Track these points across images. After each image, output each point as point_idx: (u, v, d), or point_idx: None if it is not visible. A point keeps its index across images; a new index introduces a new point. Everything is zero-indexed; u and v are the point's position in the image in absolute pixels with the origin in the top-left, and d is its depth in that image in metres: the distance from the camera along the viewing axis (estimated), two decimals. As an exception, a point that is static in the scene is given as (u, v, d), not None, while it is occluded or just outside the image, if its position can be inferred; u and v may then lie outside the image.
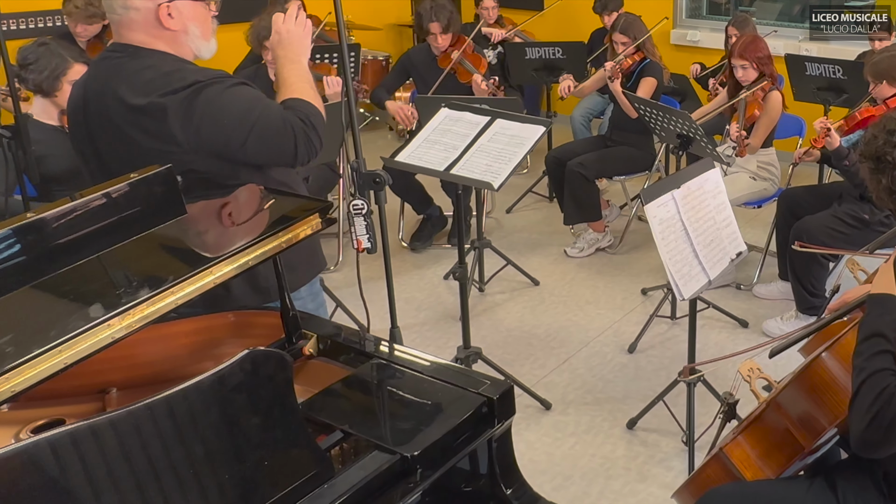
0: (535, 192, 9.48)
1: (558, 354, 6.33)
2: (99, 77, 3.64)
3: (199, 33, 3.62)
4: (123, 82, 3.48)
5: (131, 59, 3.52)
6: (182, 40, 3.59)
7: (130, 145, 3.49)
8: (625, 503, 4.79)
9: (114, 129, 3.53)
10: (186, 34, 3.58)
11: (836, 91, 7.81)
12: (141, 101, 3.42)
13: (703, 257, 4.60)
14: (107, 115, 3.52)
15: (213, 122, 3.40)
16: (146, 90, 3.43)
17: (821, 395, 3.10)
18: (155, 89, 3.42)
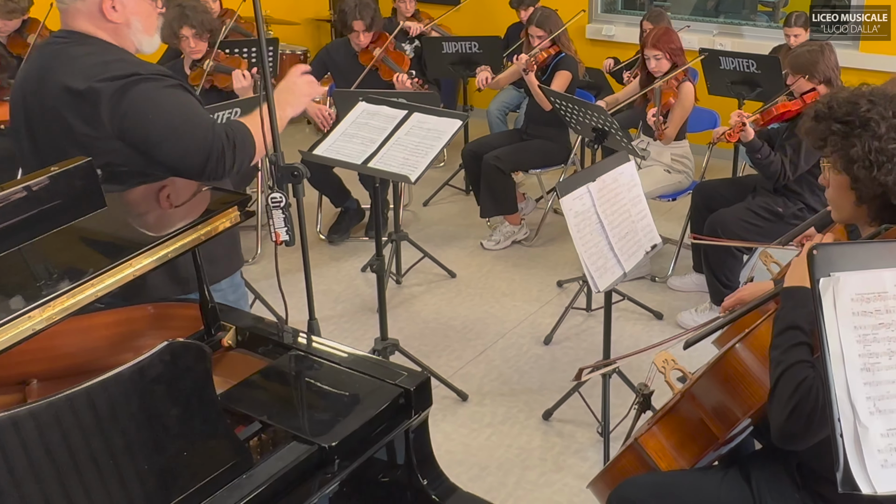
0: (452, 185, 9.50)
1: (475, 346, 6.36)
2: (41, 61, 3.68)
3: (141, 28, 3.66)
4: (65, 66, 3.51)
5: (76, 45, 3.56)
6: (124, 33, 3.62)
7: (65, 130, 3.52)
8: (540, 494, 4.82)
9: (51, 113, 3.55)
10: (129, 27, 3.62)
11: (750, 85, 7.87)
12: (80, 85, 3.45)
13: (619, 250, 4.63)
14: (45, 97, 3.55)
15: (139, 115, 3.43)
16: (86, 75, 3.46)
17: (735, 386, 3.12)
18: (94, 75, 3.45)
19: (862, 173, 2.86)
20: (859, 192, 2.90)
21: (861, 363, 2.04)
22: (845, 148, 2.89)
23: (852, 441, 2.00)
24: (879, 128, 2.80)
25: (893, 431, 2.01)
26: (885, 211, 2.88)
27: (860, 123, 2.86)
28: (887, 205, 2.85)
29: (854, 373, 2.03)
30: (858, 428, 1.99)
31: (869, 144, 2.82)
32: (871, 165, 2.82)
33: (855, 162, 2.87)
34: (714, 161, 8.32)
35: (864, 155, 2.83)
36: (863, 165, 2.84)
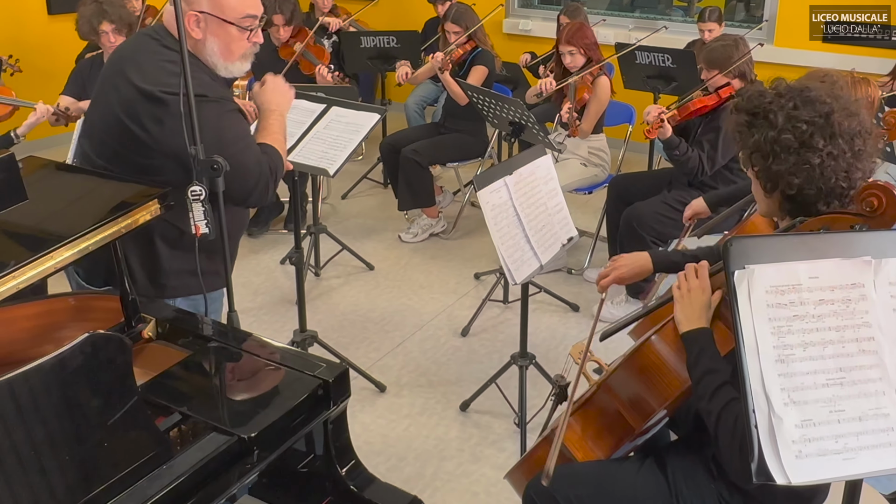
0: (370, 178, 9.53)
1: (393, 338, 6.37)
2: (130, 46, 3.84)
3: (217, 51, 3.68)
4: (143, 63, 3.61)
5: (161, 46, 3.63)
6: (200, 49, 3.66)
7: (106, 107, 3.64)
8: (458, 484, 4.83)
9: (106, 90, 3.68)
10: (205, 46, 3.66)
11: (666, 79, 7.93)
12: (147, 86, 3.50)
13: (535, 242, 4.64)
14: (118, 83, 3.62)
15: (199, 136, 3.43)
16: (154, 81, 3.51)
17: (650, 377, 3.13)
18: (163, 84, 3.49)
19: (760, 163, 2.90)
20: (763, 183, 2.94)
21: (775, 355, 2.06)
22: (747, 138, 2.93)
23: (767, 432, 2.01)
24: (777, 119, 2.83)
25: (808, 422, 2.02)
26: (790, 203, 2.90)
27: (762, 115, 2.89)
28: (789, 197, 2.88)
29: (768, 364, 2.04)
30: (773, 419, 2.00)
31: (766, 134, 2.86)
32: (766, 155, 2.86)
33: (754, 151, 2.91)
34: (630, 154, 8.38)
35: (761, 144, 2.87)
36: (760, 155, 2.88)
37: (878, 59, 8.62)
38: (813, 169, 2.80)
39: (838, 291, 2.10)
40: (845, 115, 2.87)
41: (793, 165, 2.82)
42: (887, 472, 2.05)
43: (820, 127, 2.83)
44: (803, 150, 2.82)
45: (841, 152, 2.83)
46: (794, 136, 2.83)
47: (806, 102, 2.87)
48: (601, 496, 3.23)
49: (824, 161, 2.81)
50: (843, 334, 2.09)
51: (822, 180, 2.81)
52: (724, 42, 6.25)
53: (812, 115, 2.84)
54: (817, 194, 2.84)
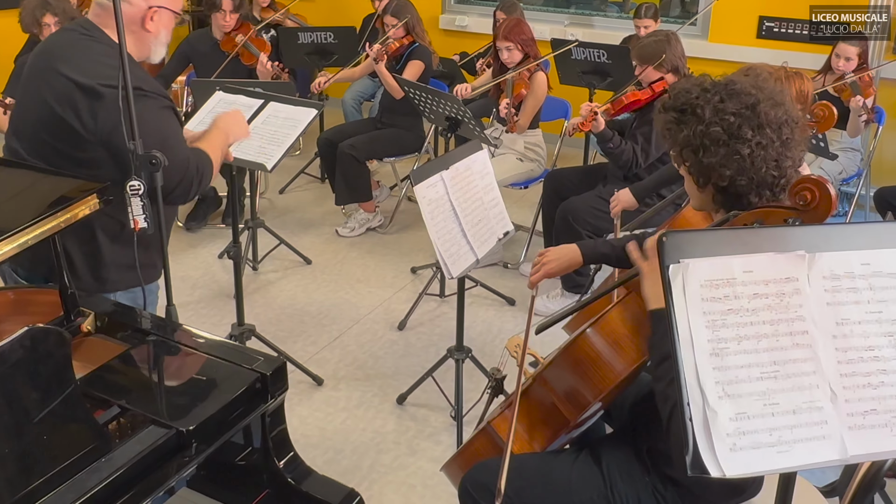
0: (308, 173, 9.52)
1: (330, 331, 6.37)
2: (58, 42, 3.80)
3: (164, 40, 3.77)
4: (76, 57, 3.60)
5: (94, 41, 3.65)
6: (149, 42, 3.72)
7: (39, 103, 3.63)
8: (394, 477, 4.84)
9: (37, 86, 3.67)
10: (157, 38, 3.73)
11: (601, 75, 7.95)
12: (84, 80, 3.52)
13: (472, 237, 4.64)
14: (49, 79, 3.62)
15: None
16: (93, 74, 3.53)
17: (585, 370, 3.13)
18: (101, 77, 3.50)
19: (690, 157, 2.91)
20: (695, 177, 2.96)
21: (710, 348, 2.05)
22: (677, 134, 2.94)
23: (701, 425, 2.01)
24: (704, 113, 2.84)
25: (742, 416, 2.01)
26: (723, 196, 2.92)
27: (690, 110, 2.90)
28: (722, 189, 2.88)
29: (703, 358, 2.04)
30: (707, 412, 2.00)
31: (694, 129, 2.87)
32: (696, 149, 2.87)
33: (684, 147, 2.92)
34: (566, 150, 8.41)
35: (691, 139, 2.88)
36: (690, 149, 2.89)
37: (811, 55, 8.72)
38: (743, 159, 2.83)
39: (772, 285, 2.11)
40: (771, 106, 2.90)
41: (723, 157, 2.85)
42: (821, 464, 2.06)
43: (747, 118, 2.85)
44: (732, 142, 2.84)
45: (770, 142, 2.86)
46: (722, 129, 2.85)
47: (731, 95, 2.90)
48: (536, 488, 3.25)
49: (754, 151, 2.84)
50: (778, 328, 2.09)
51: (753, 170, 2.84)
52: (657, 37, 6.28)
53: (738, 106, 2.87)
54: (749, 185, 2.86)
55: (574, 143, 8.68)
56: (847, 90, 7.40)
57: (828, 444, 2.06)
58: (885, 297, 2.17)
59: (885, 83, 8.99)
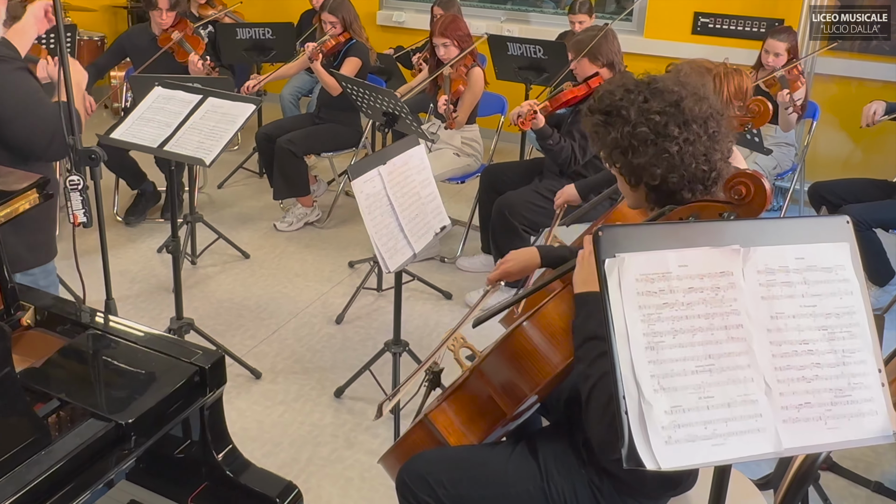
0: (246, 167, 9.52)
1: (268, 325, 6.35)
2: None
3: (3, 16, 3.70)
4: None
5: None
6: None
7: None
8: (332, 469, 4.83)
9: None
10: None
11: (537, 70, 7.97)
12: None
13: (409, 231, 4.65)
14: None
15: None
16: None
17: (522, 363, 3.13)
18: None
19: (620, 159, 2.92)
20: (627, 178, 2.96)
21: (645, 342, 2.05)
22: (604, 137, 2.94)
23: (637, 418, 2.00)
24: (629, 114, 2.85)
25: (677, 409, 2.01)
26: (655, 193, 2.92)
27: (615, 112, 2.90)
28: (655, 187, 2.89)
29: (639, 351, 2.04)
30: (643, 405, 2.00)
31: (621, 130, 2.87)
32: (625, 150, 2.87)
33: (613, 149, 2.92)
34: (502, 144, 8.42)
35: (619, 141, 2.89)
36: (619, 151, 2.90)
37: (745, 51, 8.80)
38: (672, 157, 2.84)
39: (707, 279, 2.11)
40: (695, 101, 2.91)
41: (652, 156, 2.85)
42: (755, 457, 2.06)
43: (672, 115, 2.86)
44: (660, 140, 2.85)
45: (697, 137, 2.86)
46: (649, 128, 2.85)
47: (655, 94, 2.90)
48: (473, 480, 3.24)
49: (682, 148, 2.84)
50: (713, 322, 2.10)
51: (683, 167, 2.85)
52: (593, 32, 6.29)
53: (663, 105, 2.87)
54: (680, 181, 2.87)
55: (510, 138, 8.72)
56: (776, 85, 7.47)
57: (762, 436, 2.07)
58: (818, 291, 2.18)
59: (819, 78, 9.08)
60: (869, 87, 8.90)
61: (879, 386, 2.17)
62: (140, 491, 2.76)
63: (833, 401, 2.13)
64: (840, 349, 2.17)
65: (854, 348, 2.18)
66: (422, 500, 3.26)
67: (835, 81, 9.15)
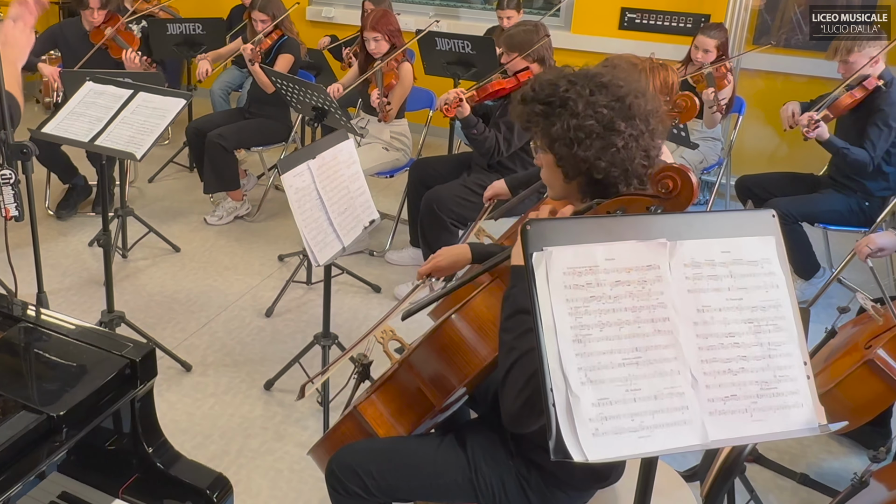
0: (177, 162, 9.46)
1: (198, 318, 6.33)
2: None
3: None
4: None
5: None
6: None
7: None
8: (262, 461, 4.82)
9: None
10: None
11: (466, 65, 7.96)
12: None
13: (338, 225, 4.65)
14: None
15: None
16: None
17: (450, 355, 3.14)
18: None
19: (563, 151, 2.90)
20: (565, 170, 2.94)
21: (573, 335, 2.04)
22: (547, 127, 2.92)
23: (564, 411, 1.99)
24: (577, 106, 2.84)
25: (604, 401, 2.00)
26: (593, 186, 2.93)
27: (560, 103, 2.89)
28: (594, 180, 2.90)
29: (566, 344, 2.03)
30: (570, 398, 1.99)
31: (567, 122, 2.86)
32: (570, 142, 2.86)
33: (556, 140, 2.90)
34: (431, 139, 8.43)
35: (564, 133, 2.87)
36: (563, 143, 2.88)
37: (672, 46, 8.86)
38: (618, 151, 2.84)
39: (634, 273, 2.11)
40: (638, 97, 2.92)
41: (599, 150, 2.85)
42: (682, 449, 2.06)
43: (619, 110, 2.86)
44: (607, 134, 2.85)
45: (640, 132, 2.88)
46: (596, 122, 2.85)
47: (601, 88, 2.90)
48: (401, 470, 3.25)
49: (627, 143, 2.86)
50: (639, 315, 2.10)
51: (627, 161, 2.86)
52: (525, 27, 6.32)
53: (610, 99, 2.87)
54: (621, 175, 2.88)
55: (439, 132, 8.73)
56: (703, 82, 7.52)
57: (689, 429, 2.07)
58: (745, 284, 2.19)
59: (745, 73, 9.15)
60: (794, 81, 8.99)
61: (805, 378, 2.18)
62: (71, 483, 2.73)
63: (759, 393, 2.13)
64: (766, 342, 2.17)
65: (780, 341, 2.18)
66: (351, 491, 3.26)
67: (761, 76, 9.23)
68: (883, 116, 6.20)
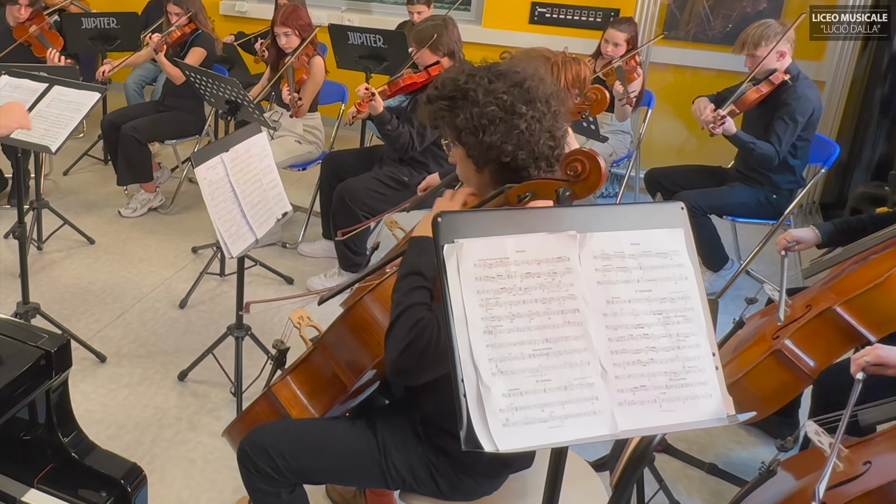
0: (91, 155, 9.38)
1: (113, 310, 6.25)
2: None
3: None
4: None
5: None
6: None
7: None
8: (176, 451, 4.77)
9: None
10: None
11: (377, 59, 7.96)
12: None
13: (251, 217, 4.63)
14: None
15: None
16: None
17: (362, 335, 3.20)
18: None
19: (471, 140, 2.93)
20: (475, 160, 2.98)
21: (483, 326, 2.04)
22: (452, 120, 2.96)
23: (475, 401, 1.98)
24: (478, 95, 2.89)
25: (515, 392, 2.00)
26: (503, 173, 2.95)
27: (461, 96, 2.93)
28: (505, 167, 2.94)
29: (477, 335, 2.02)
30: (481, 388, 1.98)
31: (471, 112, 2.90)
32: (476, 130, 2.90)
33: (462, 130, 2.94)
34: (343, 132, 8.42)
35: (469, 122, 2.91)
36: (469, 132, 2.92)
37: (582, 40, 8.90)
38: (522, 133, 2.88)
39: (545, 265, 2.11)
40: (536, 81, 2.98)
41: (504, 134, 2.88)
42: (592, 439, 2.05)
43: (518, 95, 2.91)
44: (509, 118, 2.89)
45: (542, 114, 2.92)
46: (498, 107, 2.89)
47: (498, 76, 2.95)
48: (312, 451, 3.28)
49: (530, 125, 2.89)
50: (549, 306, 2.09)
51: (533, 143, 2.90)
52: (434, 22, 6.32)
53: (508, 85, 2.92)
54: (529, 157, 2.92)
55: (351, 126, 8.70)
56: (613, 75, 7.55)
57: (598, 419, 2.06)
58: (654, 276, 2.19)
59: (654, 67, 9.22)
60: (703, 75, 9.06)
61: (713, 369, 2.19)
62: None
63: (668, 384, 2.13)
64: (675, 333, 2.18)
65: (688, 332, 2.19)
66: (261, 470, 3.28)
67: (670, 70, 9.31)
68: (789, 111, 6.22)
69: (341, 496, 4.28)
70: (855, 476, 3.23)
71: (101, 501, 2.81)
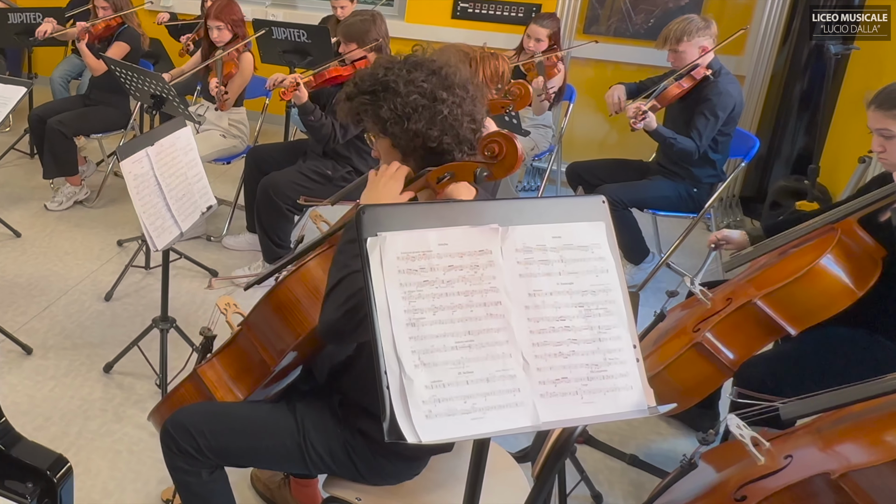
0: (18, 149, 9.28)
1: (39, 302, 6.18)
2: None
3: None
4: None
5: None
6: None
7: None
8: (101, 443, 4.72)
9: None
10: None
11: (301, 54, 7.90)
12: None
13: (176, 211, 4.60)
14: None
15: None
16: None
17: (285, 315, 3.23)
18: None
19: (396, 129, 2.95)
20: (401, 149, 2.99)
21: (406, 318, 2.03)
22: (376, 112, 2.97)
23: (398, 393, 1.98)
24: (399, 86, 2.92)
25: (437, 384, 1.99)
26: (429, 159, 2.98)
27: (382, 88, 2.95)
28: (430, 151, 2.96)
29: (400, 328, 2.01)
30: (404, 380, 1.97)
31: (394, 102, 2.92)
32: (400, 119, 2.92)
33: (387, 121, 2.95)
34: (267, 126, 8.41)
35: (393, 112, 2.93)
36: (394, 122, 2.94)
37: (504, 35, 8.90)
38: (446, 118, 2.91)
39: (467, 258, 2.09)
40: (452, 68, 3.03)
41: (428, 120, 2.91)
42: (514, 430, 2.04)
43: (437, 83, 2.95)
44: (432, 105, 2.92)
45: (461, 99, 2.96)
46: (420, 95, 2.92)
47: (415, 66, 2.99)
48: (234, 432, 3.29)
49: (452, 110, 2.93)
50: (472, 299, 2.08)
51: (456, 126, 2.93)
52: (362, 17, 6.29)
53: (426, 74, 2.96)
54: (454, 141, 2.95)
55: (275, 120, 8.67)
56: (533, 70, 7.54)
57: (520, 410, 2.05)
58: (575, 269, 2.18)
59: (576, 62, 9.23)
60: (624, 70, 9.11)
61: (634, 361, 2.18)
62: None
63: (589, 376, 2.12)
64: (596, 325, 2.16)
65: (610, 325, 2.18)
66: (183, 449, 3.28)
67: (591, 65, 9.34)
68: (710, 106, 6.24)
69: (266, 486, 4.27)
70: (776, 470, 3.23)
71: (28, 492, 2.77)
